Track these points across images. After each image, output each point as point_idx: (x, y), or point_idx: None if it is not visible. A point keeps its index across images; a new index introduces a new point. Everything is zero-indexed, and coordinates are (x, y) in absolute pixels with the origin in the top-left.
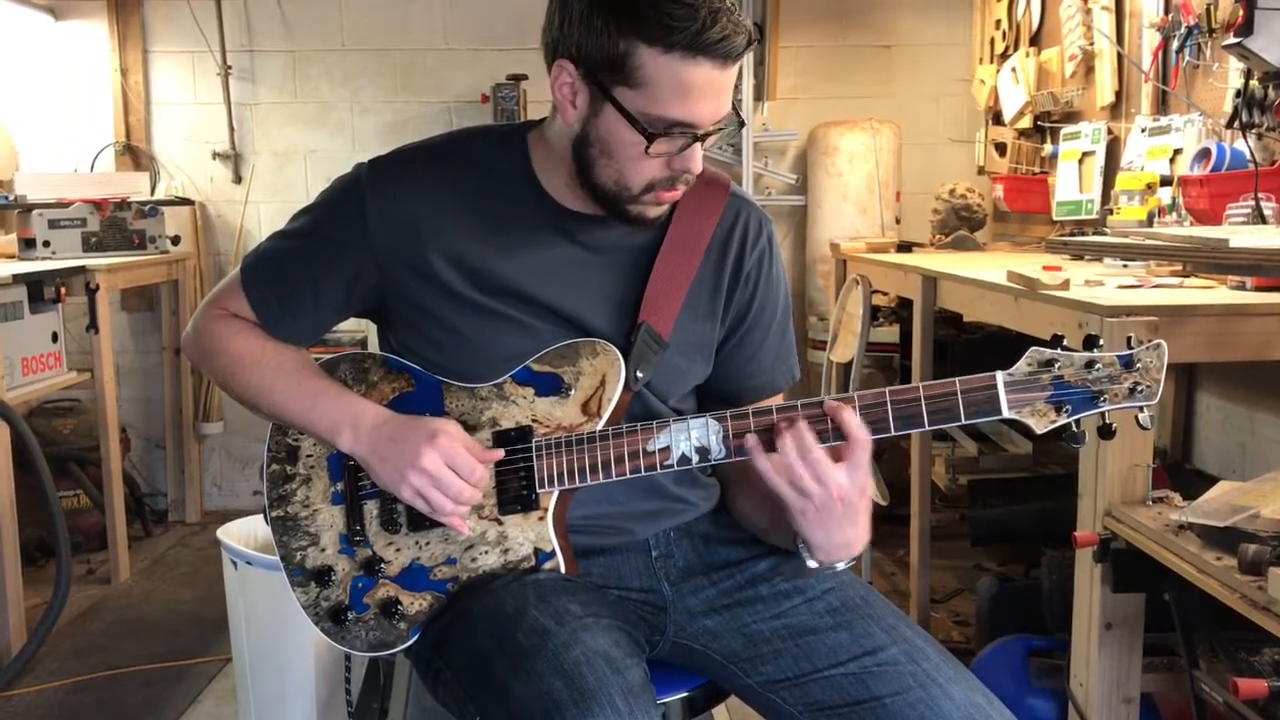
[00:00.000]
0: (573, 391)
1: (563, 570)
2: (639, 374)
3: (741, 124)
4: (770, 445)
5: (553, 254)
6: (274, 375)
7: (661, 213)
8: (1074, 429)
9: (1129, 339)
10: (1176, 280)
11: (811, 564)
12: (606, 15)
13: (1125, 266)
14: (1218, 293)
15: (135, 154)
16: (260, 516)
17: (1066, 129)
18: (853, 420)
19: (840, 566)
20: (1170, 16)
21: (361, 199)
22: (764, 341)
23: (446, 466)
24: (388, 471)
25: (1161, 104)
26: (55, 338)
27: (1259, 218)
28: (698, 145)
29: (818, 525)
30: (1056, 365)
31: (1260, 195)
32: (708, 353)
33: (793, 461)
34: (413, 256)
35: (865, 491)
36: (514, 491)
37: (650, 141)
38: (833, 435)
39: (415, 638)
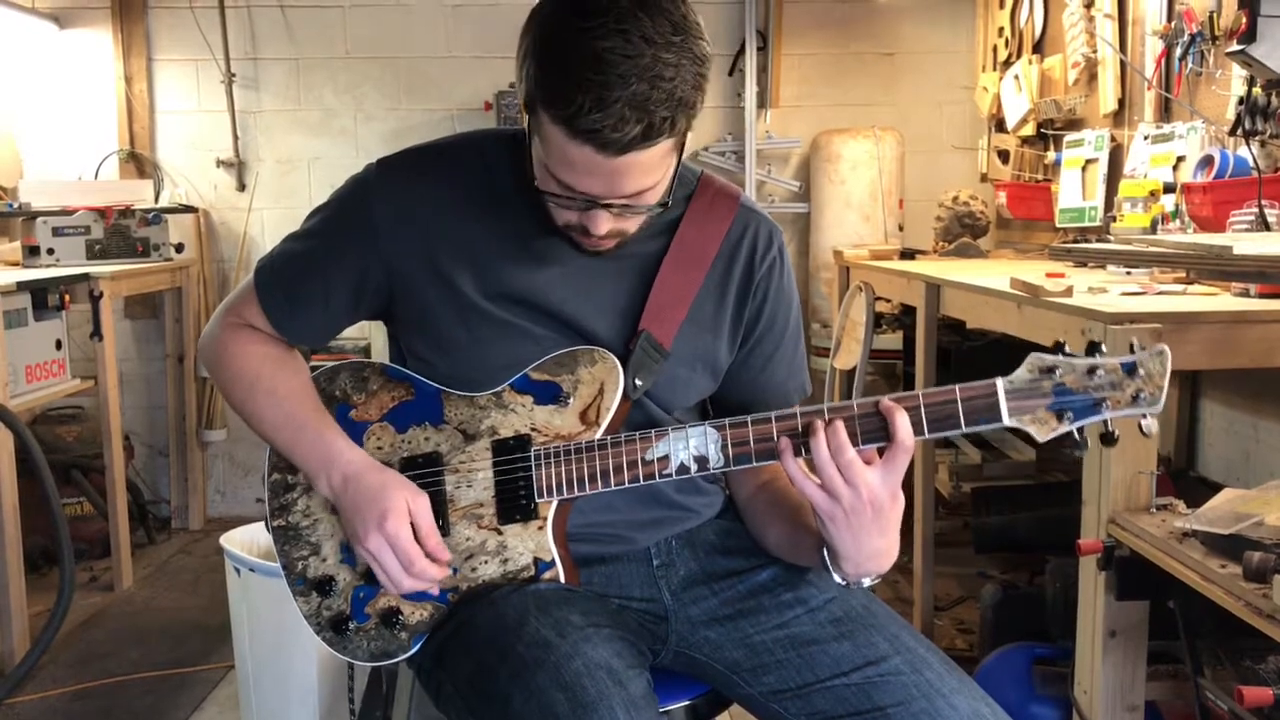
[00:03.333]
0: (571, 400)
1: (562, 580)
2: (638, 382)
3: (665, 206)
4: (801, 449)
5: (557, 259)
6: (265, 402)
7: (605, 249)
8: (1076, 436)
9: (1132, 345)
10: (1180, 287)
11: (837, 578)
12: (526, 60)
13: (1128, 273)
14: (1221, 300)
15: (139, 161)
16: (262, 524)
17: (1069, 136)
18: (904, 423)
19: (867, 582)
20: (1173, 24)
21: (369, 197)
22: (775, 354)
23: (389, 551)
24: (348, 530)
25: (1164, 111)
26: (59, 345)
27: (1262, 225)
28: (600, 211)
29: (846, 532)
30: (1058, 372)
31: (1264, 202)
32: (712, 366)
33: (824, 461)
34: (418, 255)
35: (898, 500)
36: (513, 501)
37: (538, 194)
38: (862, 439)
39: (416, 647)
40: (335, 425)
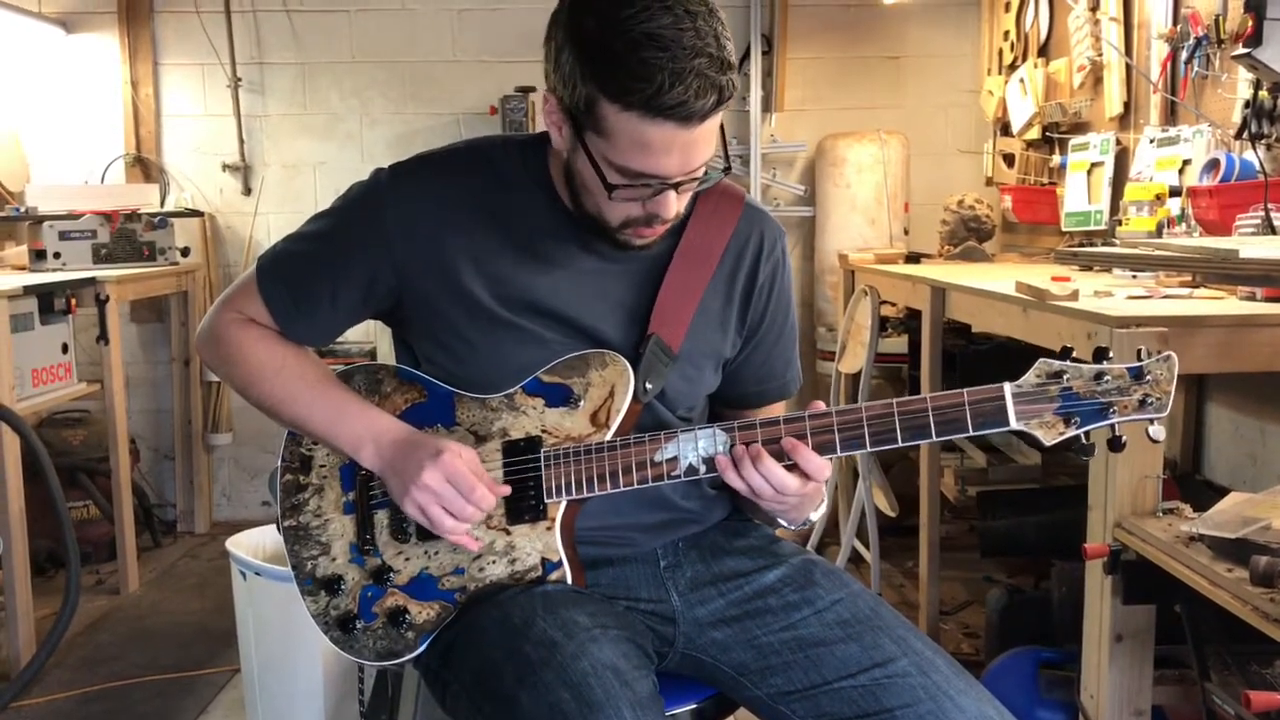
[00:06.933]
0: (582, 402)
1: (569, 581)
2: (648, 385)
3: (728, 170)
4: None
5: (568, 263)
6: (298, 386)
7: (650, 242)
8: (1083, 441)
9: (1139, 351)
10: (1186, 291)
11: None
12: (573, 61)
13: (1134, 277)
14: (1227, 303)
15: (145, 166)
16: (268, 528)
17: (1075, 140)
18: (811, 461)
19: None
20: (1179, 27)
21: (382, 203)
22: (775, 349)
23: (448, 483)
24: (397, 485)
25: (1170, 115)
26: (65, 349)
27: (1269, 228)
28: (670, 192)
29: (764, 516)
30: (1065, 377)
31: (1270, 206)
32: (718, 360)
33: (749, 475)
34: (430, 261)
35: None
36: (522, 501)
37: (610, 191)
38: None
39: (423, 647)
40: (372, 405)
